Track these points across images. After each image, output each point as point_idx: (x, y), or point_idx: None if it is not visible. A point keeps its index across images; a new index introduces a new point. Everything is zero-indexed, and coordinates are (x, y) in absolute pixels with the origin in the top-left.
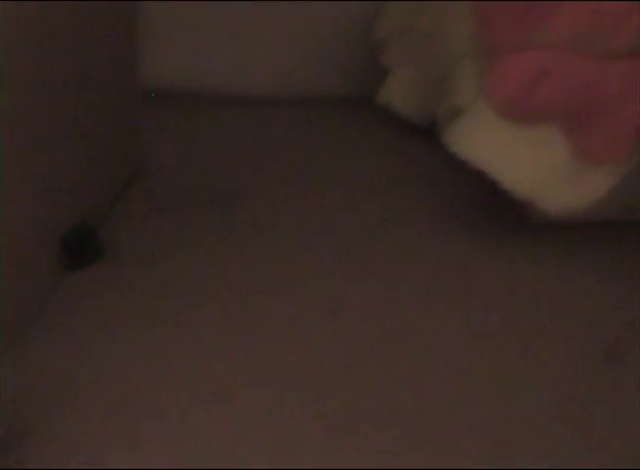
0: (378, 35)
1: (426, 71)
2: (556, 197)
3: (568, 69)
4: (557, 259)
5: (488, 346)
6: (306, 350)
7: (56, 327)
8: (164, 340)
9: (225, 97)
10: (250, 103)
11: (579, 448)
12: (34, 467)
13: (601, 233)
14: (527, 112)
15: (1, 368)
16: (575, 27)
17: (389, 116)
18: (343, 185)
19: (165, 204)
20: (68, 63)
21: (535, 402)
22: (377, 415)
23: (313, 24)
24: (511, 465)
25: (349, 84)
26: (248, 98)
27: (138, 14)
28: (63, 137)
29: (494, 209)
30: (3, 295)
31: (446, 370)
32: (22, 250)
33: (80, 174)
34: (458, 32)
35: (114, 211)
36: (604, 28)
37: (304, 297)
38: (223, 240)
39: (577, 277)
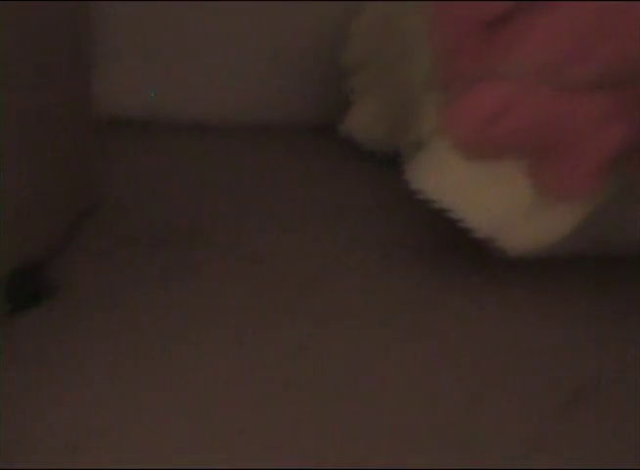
0: (343, 62)
1: (390, 101)
2: (519, 235)
3: (531, 102)
4: (524, 299)
5: (436, 394)
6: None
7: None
8: (123, 384)
9: (186, 124)
10: (210, 131)
11: None
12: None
13: (574, 270)
14: (487, 147)
15: None
16: (541, 58)
17: (353, 145)
18: (302, 217)
19: (123, 238)
20: (13, 89)
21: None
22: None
23: (274, 49)
24: None
25: (313, 112)
26: (209, 126)
27: (88, 38)
28: (7, 167)
29: (459, 244)
30: None
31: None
32: None
33: (26, 210)
34: (424, 62)
35: (67, 247)
36: (571, 60)
37: (263, 337)
38: (183, 276)
39: (546, 318)
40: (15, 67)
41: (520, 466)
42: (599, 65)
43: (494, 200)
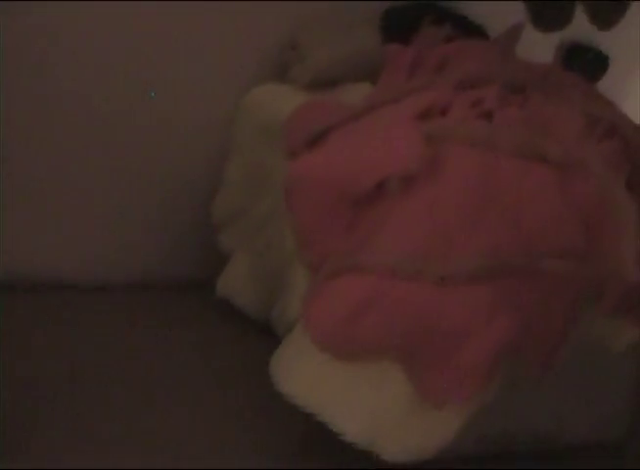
0: (215, 217)
1: (262, 262)
2: (395, 442)
3: (398, 297)
4: None
5: None
6: None
7: None
8: None
9: (53, 284)
10: (80, 290)
11: None
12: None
13: None
14: (350, 347)
15: None
16: (407, 248)
17: (227, 305)
18: (155, 380)
19: None
20: None
21: None
22: None
23: (146, 207)
24: None
25: (188, 269)
26: (80, 285)
27: None
28: None
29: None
30: None
31: None
32: None
33: None
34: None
35: None
36: (439, 251)
37: None
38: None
39: None
40: None
41: None
42: (469, 256)
43: (369, 404)
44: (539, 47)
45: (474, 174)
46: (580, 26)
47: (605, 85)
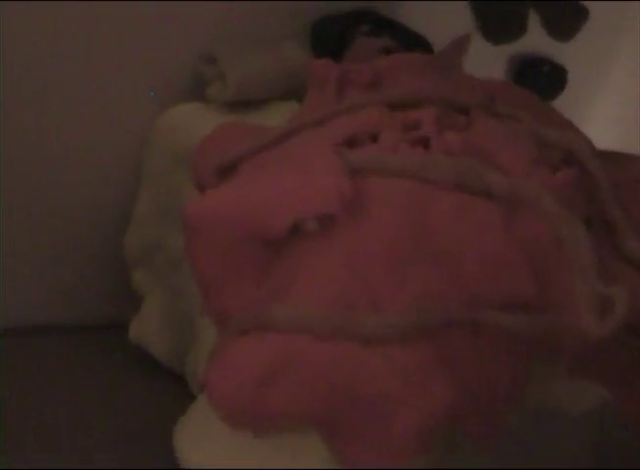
0: (127, 253)
1: (174, 308)
2: None
3: (315, 359)
4: None
5: None
6: None
7: None
8: None
9: None
10: None
11: None
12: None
13: None
14: (260, 417)
15: None
16: (326, 302)
17: (141, 350)
18: (57, 426)
19: None
20: None
21: None
22: None
23: (53, 242)
24: None
25: (102, 310)
26: None
27: None
28: None
29: None
30: None
31: None
32: None
33: None
34: None
35: None
36: (363, 305)
37: None
38: None
39: None
40: None
41: None
42: (398, 311)
43: None
44: (490, 60)
45: (404, 213)
46: (536, 37)
47: (563, 102)
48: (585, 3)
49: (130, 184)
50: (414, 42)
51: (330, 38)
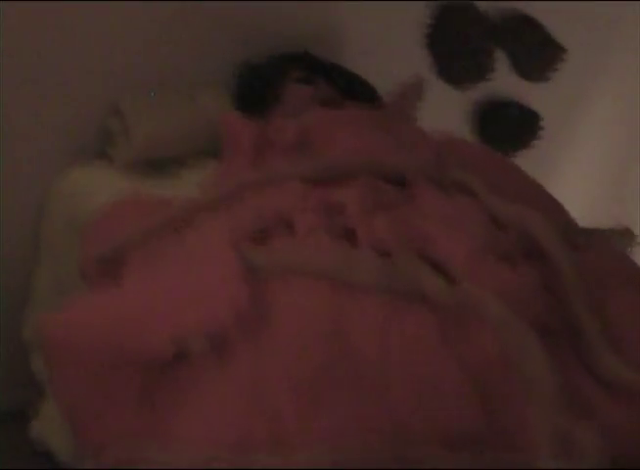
0: (25, 335)
1: None
2: None
3: None
4: None
5: None
6: None
7: None
8: None
9: None
10: None
11: None
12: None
13: None
14: None
15: None
16: (222, 438)
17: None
18: None
19: None
20: None
21: None
22: None
23: None
24: None
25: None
26: None
27: None
28: None
29: None
30: None
31: None
32: None
33: None
34: None
35: None
36: (266, 442)
37: None
38: None
39: None
40: None
41: None
42: (310, 449)
43: None
44: (451, 106)
45: (318, 326)
46: (503, 79)
47: (537, 151)
48: (562, 40)
49: (29, 257)
50: (357, 89)
51: (255, 86)
